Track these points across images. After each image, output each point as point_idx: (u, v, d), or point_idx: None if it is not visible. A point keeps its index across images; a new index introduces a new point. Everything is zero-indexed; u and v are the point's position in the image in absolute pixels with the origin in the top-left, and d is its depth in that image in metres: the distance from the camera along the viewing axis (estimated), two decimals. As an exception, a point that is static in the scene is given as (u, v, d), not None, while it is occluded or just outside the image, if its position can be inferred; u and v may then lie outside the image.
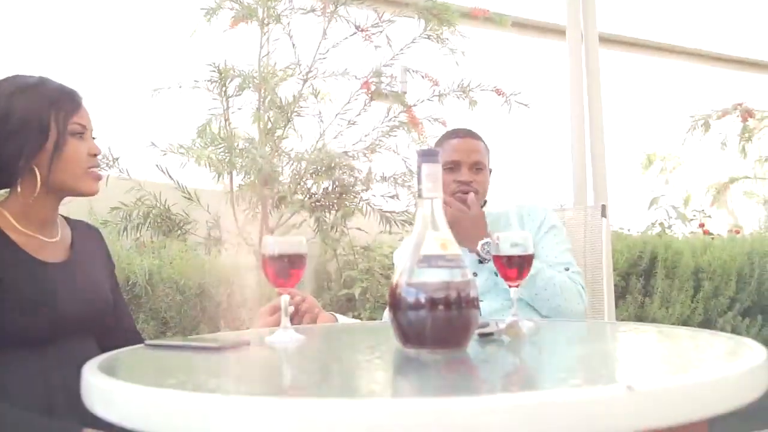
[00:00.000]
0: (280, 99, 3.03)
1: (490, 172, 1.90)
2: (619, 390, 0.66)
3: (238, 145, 2.94)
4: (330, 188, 3.06)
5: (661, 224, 4.30)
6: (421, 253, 0.93)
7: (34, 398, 1.21)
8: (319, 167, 3.01)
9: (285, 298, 1.12)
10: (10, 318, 1.21)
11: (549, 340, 1.15)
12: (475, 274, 1.74)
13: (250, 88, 3.03)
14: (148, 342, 1.13)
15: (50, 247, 1.33)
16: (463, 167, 1.80)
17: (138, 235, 2.88)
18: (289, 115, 3.01)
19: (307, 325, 1.51)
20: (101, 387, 0.78)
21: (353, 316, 2.65)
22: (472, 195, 1.74)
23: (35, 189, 1.28)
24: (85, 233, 1.45)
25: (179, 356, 1.03)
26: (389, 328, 0.94)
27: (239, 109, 3.09)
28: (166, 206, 2.99)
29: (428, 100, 3.10)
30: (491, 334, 1.06)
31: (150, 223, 2.92)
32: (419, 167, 0.96)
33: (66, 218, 1.44)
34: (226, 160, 2.94)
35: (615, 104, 4.32)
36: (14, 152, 1.26)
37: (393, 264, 2.38)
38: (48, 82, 1.33)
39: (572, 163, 2.46)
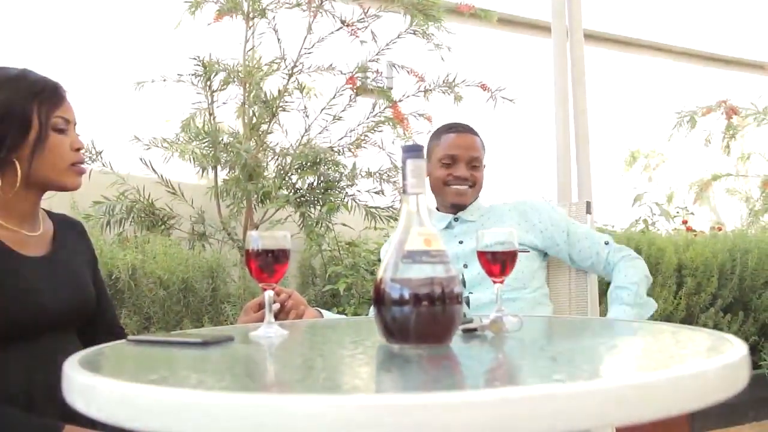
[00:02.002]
0: (265, 94, 3.02)
1: (484, 167, 1.91)
2: (600, 385, 0.66)
3: (222, 140, 2.94)
4: (315, 183, 3.07)
5: (644, 221, 4.34)
6: (405, 248, 0.93)
7: (14, 393, 1.20)
8: (304, 162, 3.01)
9: (269, 294, 1.12)
10: None
11: (532, 336, 1.16)
12: (465, 266, 1.77)
13: (234, 82, 3.02)
14: (130, 337, 1.13)
15: (32, 241, 1.31)
16: (460, 163, 1.82)
17: (121, 229, 2.87)
18: (274, 110, 3.00)
19: (292, 320, 1.50)
20: (82, 382, 0.77)
21: (338, 312, 2.65)
22: None
23: (16, 183, 1.26)
24: (67, 227, 1.43)
25: (162, 351, 1.02)
26: (373, 323, 0.95)
27: (224, 103, 3.08)
28: (150, 201, 2.97)
29: (414, 95, 3.10)
30: (475, 329, 1.07)
31: (133, 217, 2.91)
32: (403, 163, 0.97)
33: (48, 212, 1.43)
34: (211, 154, 2.93)
35: (600, 101, 4.35)
36: None
37: (379, 260, 2.38)
38: (30, 74, 1.31)
39: (557, 160, 2.48)
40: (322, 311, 1.63)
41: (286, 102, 3.05)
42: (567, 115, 2.49)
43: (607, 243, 1.83)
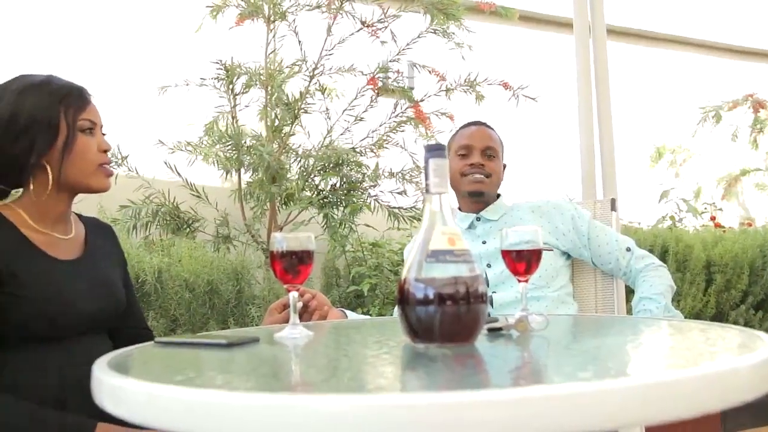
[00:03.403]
0: (287, 96, 3.04)
1: (504, 167, 1.90)
2: (628, 383, 0.66)
3: (245, 143, 2.96)
4: (338, 185, 3.08)
5: (671, 217, 4.28)
6: (429, 248, 0.93)
7: (47, 394, 1.22)
8: (326, 164, 3.02)
9: (293, 295, 1.12)
10: (24, 315, 1.22)
11: (558, 335, 1.15)
12: (489, 266, 1.76)
13: (256, 85, 3.04)
14: (157, 339, 1.14)
15: (64, 244, 1.34)
16: (475, 152, 1.82)
17: (147, 233, 2.90)
18: (295, 112, 3.02)
19: (317, 321, 1.51)
20: (111, 383, 0.79)
21: (362, 313, 2.66)
22: None
23: (47, 186, 1.29)
24: (98, 230, 1.46)
25: (188, 353, 1.03)
26: (398, 324, 0.95)
27: (246, 106, 3.10)
28: (175, 204, 3.01)
29: (435, 95, 3.10)
30: (500, 329, 1.06)
31: (159, 221, 2.94)
32: (426, 162, 0.96)
33: (79, 215, 1.45)
34: (234, 157, 2.96)
35: (624, 97, 4.30)
36: (25, 150, 1.27)
37: (402, 260, 2.38)
38: (55, 79, 1.34)
39: (581, 157, 2.45)
40: (347, 312, 1.64)
41: (308, 104, 3.06)
42: (590, 112, 2.46)
43: (629, 249, 1.80)
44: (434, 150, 0.97)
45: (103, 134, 1.37)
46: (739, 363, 0.73)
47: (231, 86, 3.01)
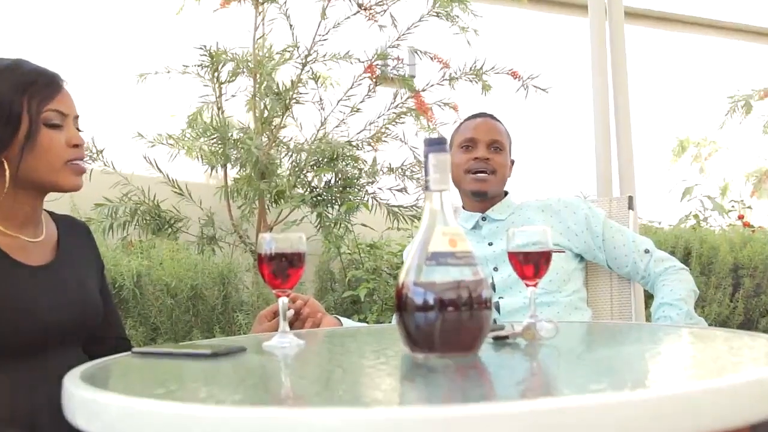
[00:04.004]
0: (277, 85, 3.04)
1: (512, 163, 1.91)
2: (645, 395, 0.66)
3: (232, 136, 2.96)
4: (332, 181, 3.08)
5: (695, 216, 4.28)
6: (429, 250, 0.94)
7: (16, 415, 1.20)
8: (320, 158, 3.02)
9: (283, 301, 1.13)
10: None
11: (569, 343, 1.16)
12: (495, 269, 1.77)
13: (244, 73, 3.04)
14: (135, 350, 1.14)
15: (33, 248, 1.31)
16: (479, 145, 1.82)
17: (125, 233, 2.91)
18: (287, 102, 3.02)
19: (309, 329, 1.52)
20: (83, 397, 0.79)
21: (359, 320, 2.66)
22: None
23: (5, 185, 1.26)
24: (71, 230, 1.43)
25: (169, 364, 1.04)
26: (397, 331, 0.95)
27: (233, 96, 3.10)
28: (155, 202, 3.01)
29: (438, 84, 3.10)
30: (506, 337, 1.07)
31: (138, 220, 2.95)
32: (426, 157, 0.97)
33: (51, 213, 1.42)
34: (220, 151, 2.96)
35: (643, 86, 4.30)
36: None
37: (402, 263, 2.38)
38: (24, 64, 1.29)
39: (596, 151, 2.45)
40: (342, 319, 1.64)
41: (300, 93, 3.06)
42: (606, 102, 2.47)
43: (647, 251, 1.81)
44: (434, 144, 0.97)
45: (78, 128, 1.35)
46: (767, 374, 0.73)
47: (216, 74, 3.01)
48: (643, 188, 2.68)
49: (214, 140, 2.96)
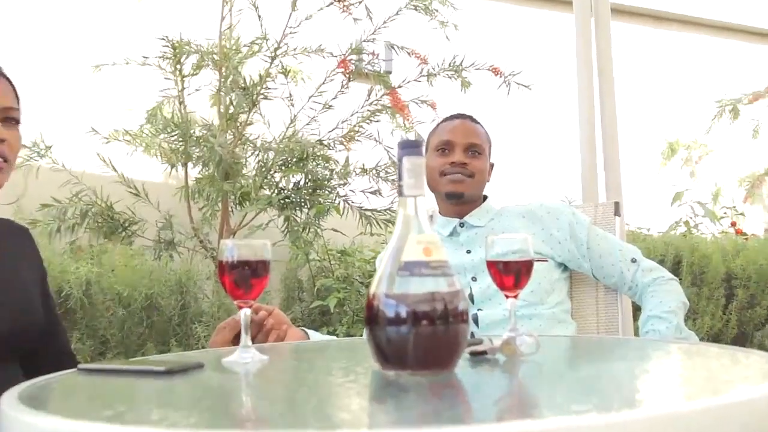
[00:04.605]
0: (244, 79, 3.03)
1: (492, 166, 1.91)
2: (632, 416, 0.66)
3: (194, 132, 2.94)
4: (301, 183, 3.07)
5: (686, 223, 4.34)
6: (402, 259, 0.93)
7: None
8: (288, 158, 3.02)
9: (246, 312, 1.11)
10: None
11: (551, 360, 1.16)
12: (474, 279, 1.77)
13: (208, 66, 3.02)
14: (81, 366, 1.12)
15: None
16: (456, 148, 1.83)
17: (74, 237, 2.87)
18: (254, 97, 3.01)
19: (273, 343, 1.50)
20: (22, 420, 0.77)
21: (328, 333, 2.65)
22: None
23: None
24: (10, 235, 1.41)
25: (119, 382, 1.02)
26: (368, 346, 0.94)
27: (196, 90, 3.08)
28: (108, 203, 2.98)
29: (415, 80, 3.11)
30: (484, 352, 1.07)
31: (89, 222, 2.91)
32: (400, 161, 0.97)
33: None
34: (181, 149, 2.94)
35: (630, 85, 4.35)
36: None
37: (376, 270, 2.38)
38: None
39: (581, 154, 2.47)
40: (309, 332, 1.63)
41: (269, 89, 3.05)
42: (592, 102, 2.49)
43: (634, 260, 1.82)
44: (409, 147, 0.97)
45: (14, 120, 1.32)
46: (761, 392, 0.74)
47: (179, 66, 2.99)
48: (630, 193, 2.71)
49: (175, 137, 2.94)
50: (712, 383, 0.92)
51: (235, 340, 1.40)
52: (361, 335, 2.30)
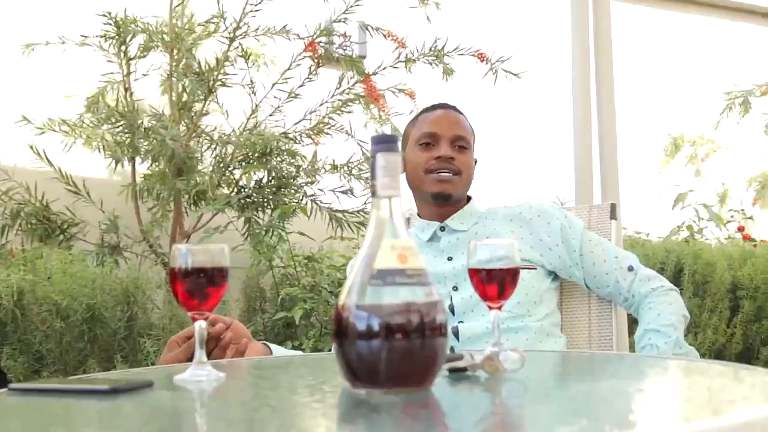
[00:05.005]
0: (199, 63, 3.02)
1: (475, 163, 1.94)
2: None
3: (142, 123, 2.93)
4: (264, 180, 3.07)
5: (689, 228, 4.40)
6: (375, 266, 0.95)
7: None
8: (250, 153, 3.01)
9: (201, 325, 1.12)
10: None
11: (538, 377, 1.18)
12: (455, 289, 1.79)
13: (158, 47, 3.01)
14: (13, 385, 1.12)
15: None
16: (441, 141, 1.84)
17: (4, 240, 2.84)
18: (210, 84, 3.00)
19: (231, 359, 1.51)
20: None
21: (293, 347, 2.66)
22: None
23: None
24: None
25: (56, 404, 1.02)
26: (336, 362, 0.96)
27: (144, 75, 3.07)
28: (44, 202, 2.95)
29: (392, 66, 3.12)
30: (464, 369, 1.09)
31: (21, 224, 2.88)
32: (373, 157, 0.98)
33: None
34: (127, 142, 2.92)
35: (631, 73, 4.40)
36: None
37: (346, 279, 2.39)
38: None
39: (575, 151, 2.51)
40: (272, 346, 1.64)
41: (227, 74, 3.05)
42: (588, 93, 2.53)
43: (631, 268, 1.85)
44: (383, 142, 0.98)
45: None
46: (763, 414, 0.76)
47: (124, 48, 2.98)
48: (628, 194, 2.76)
49: (120, 128, 2.92)
50: (711, 403, 0.95)
51: (189, 356, 1.41)
52: (330, 350, 2.30)
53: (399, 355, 0.92)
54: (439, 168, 1.83)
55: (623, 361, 1.47)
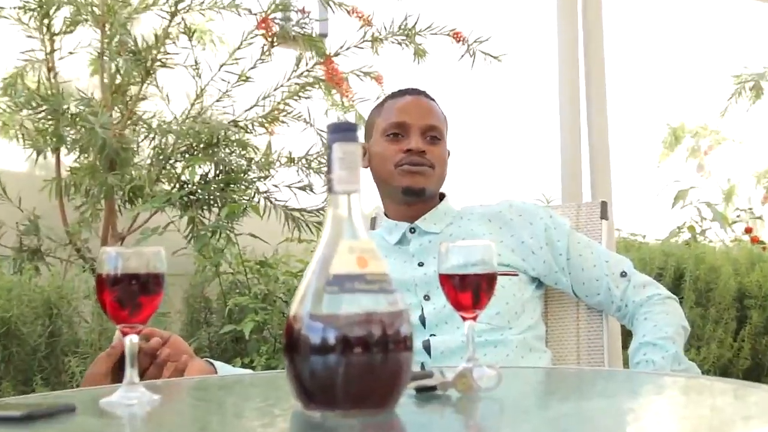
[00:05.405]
0: (135, 40, 2.99)
1: (448, 154, 1.94)
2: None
3: (68, 109, 2.90)
4: (211, 175, 3.05)
5: (690, 228, 4.45)
6: (331, 271, 0.94)
7: None
8: (194, 143, 2.99)
9: (132, 340, 1.11)
10: None
11: (517, 396, 1.19)
12: (427, 298, 1.79)
13: (87, 21, 2.98)
14: None
15: None
16: (412, 132, 1.85)
17: None
18: (148, 64, 2.98)
19: (169, 379, 1.50)
20: None
21: (242, 365, 2.65)
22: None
23: None
24: None
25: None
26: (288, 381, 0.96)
27: (71, 53, 3.04)
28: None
29: (356, 47, 3.12)
30: (433, 387, 1.09)
31: None
32: (330, 148, 0.98)
33: None
34: (50, 130, 2.89)
35: (624, 57, 4.44)
36: None
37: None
38: None
39: (561, 142, 2.53)
40: (217, 364, 1.63)
41: (168, 54, 3.03)
42: (576, 77, 2.55)
43: (624, 275, 1.87)
44: (341, 131, 0.98)
45: None
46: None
47: (47, 21, 2.94)
48: (621, 191, 2.78)
49: (43, 114, 2.89)
50: (709, 425, 0.96)
51: (119, 375, 1.39)
52: (284, 367, 2.29)
53: (358, 371, 0.92)
54: (408, 162, 1.84)
55: (614, 377, 1.48)
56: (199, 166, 3.01)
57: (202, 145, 3.00)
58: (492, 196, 2.11)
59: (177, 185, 3.03)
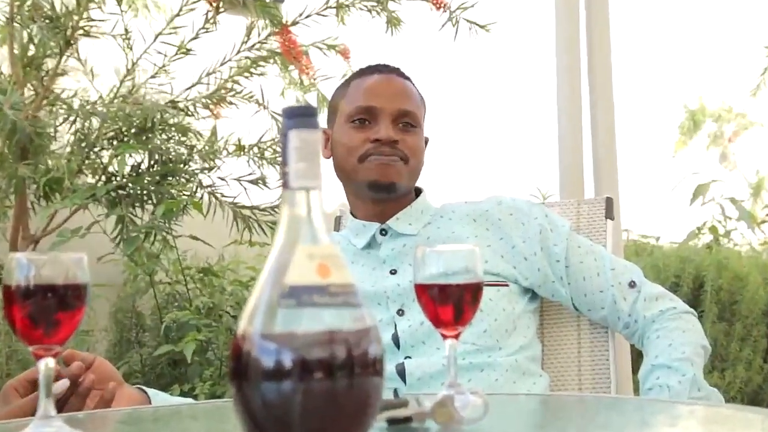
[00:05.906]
0: (53, 4, 2.97)
1: (426, 142, 1.95)
2: None
3: (-29, 87, 2.88)
4: (145, 166, 3.04)
5: (712, 229, 4.48)
6: (287, 281, 0.94)
7: None
8: (124, 128, 2.98)
9: (47, 364, 1.11)
10: None
11: (506, 427, 1.19)
12: (401, 312, 1.80)
13: (-6, -18, 2.96)
14: None
15: None
16: (381, 118, 1.85)
17: None
18: (69, 33, 2.96)
19: (93, 411, 1.49)
20: None
21: (182, 393, 2.64)
22: None
23: None
24: None
25: None
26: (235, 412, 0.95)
27: (-27, 21, 3.02)
28: None
29: (318, 14, 3.12)
30: (408, 419, 1.09)
31: None
32: (285, 136, 0.98)
33: None
34: (-50, 112, 2.87)
35: (633, 30, 4.47)
36: None
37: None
38: None
39: (559, 130, 2.54)
40: (150, 392, 1.63)
41: (92, 20, 3.01)
42: (577, 53, 2.56)
43: (633, 285, 1.88)
44: (298, 115, 0.98)
45: None
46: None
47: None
48: (630, 186, 2.80)
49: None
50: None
51: (32, 406, 1.39)
52: (231, 396, 2.28)
53: (319, 401, 0.92)
54: (377, 153, 1.84)
55: (622, 406, 1.49)
56: (130, 155, 3.00)
57: (133, 130, 2.98)
58: (478, 192, 2.12)
59: (103, 178, 3.01)
